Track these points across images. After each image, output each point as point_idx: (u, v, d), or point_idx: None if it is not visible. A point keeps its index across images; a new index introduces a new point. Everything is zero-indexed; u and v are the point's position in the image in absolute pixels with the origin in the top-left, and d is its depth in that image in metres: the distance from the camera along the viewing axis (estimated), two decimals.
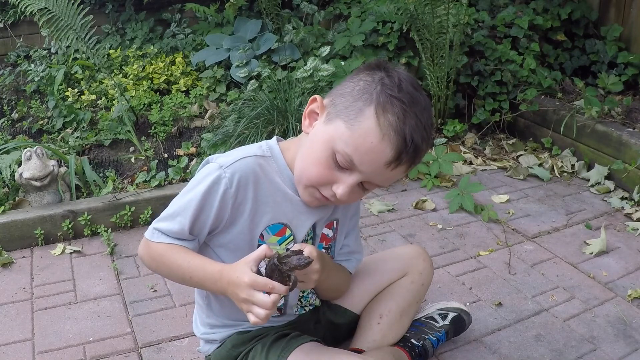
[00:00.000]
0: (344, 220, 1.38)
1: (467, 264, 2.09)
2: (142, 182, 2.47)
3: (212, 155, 1.22)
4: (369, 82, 1.11)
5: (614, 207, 2.52)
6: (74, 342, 1.67)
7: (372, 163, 1.09)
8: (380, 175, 1.12)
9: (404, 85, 1.10)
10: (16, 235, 2.15)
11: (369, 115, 1.08)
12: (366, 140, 1.07)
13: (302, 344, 1.26)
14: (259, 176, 1.20)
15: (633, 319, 1.80)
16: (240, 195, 1.18)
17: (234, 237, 1.23)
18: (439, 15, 2.86)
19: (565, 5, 3.51)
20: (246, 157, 1.20)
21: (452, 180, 2.74)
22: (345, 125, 1.09)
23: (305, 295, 1.37)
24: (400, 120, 1.07)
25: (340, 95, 1.13)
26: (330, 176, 1.13)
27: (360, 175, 1.11)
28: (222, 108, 2.96)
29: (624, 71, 3.31)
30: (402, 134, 1.07)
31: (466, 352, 1.64)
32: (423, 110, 1.10)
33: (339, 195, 1.13)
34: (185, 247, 1.18)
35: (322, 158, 1.12)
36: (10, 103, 3.17)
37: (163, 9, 3.81)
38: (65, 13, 2.62)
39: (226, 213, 1.19)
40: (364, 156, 1.08)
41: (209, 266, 1.14)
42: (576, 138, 2.89)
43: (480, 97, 3.18)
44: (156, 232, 1.20)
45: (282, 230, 1.25)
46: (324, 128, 1.14)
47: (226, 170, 1.17)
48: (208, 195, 1.16)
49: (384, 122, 1.07)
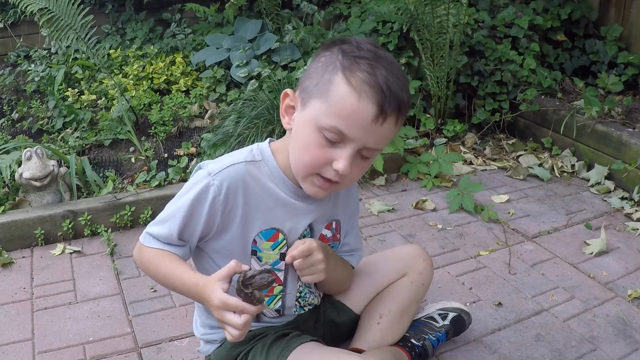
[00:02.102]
0: (345, 220, 1.39)
1: (467, 264, 2.09)
2: (142, 182, 2.47)
3: (204, 162, 1.22)
4: (329, 56, 1.11)
5: (614, 207, 2.52)
6: (74, 342, 1.67)
7: (360, 125, 1.07)
8: (373, 136, 1.09)
9: (363, 46, 1.10)
10: (16, 235, 2.15)
11: (339, 82, 1.07)
12: (345, 105, 1.06)
13: (302, 343, 1.26)
14: (248, 183, 1.20)
15: (633, 319, 1.80)
16: (229, 203, 1.18)
17: (226, 243, 1.23)
18: (439, 15, 2.86)
19: (565, 5, 3.51)
20: (235, 163, 1.19)
21: (452, 180, 2.74)
22: (321, 101, 1.09)
23: (303, 295, 1.37)
24: (370, 74, 1.06)
25: (307, 79, 1.13)
26: (325, 155, 1.11)
27: (354, 143, 1.09)
28: (222, 108, 2.96)
29: (624, 71, 3.31)
30: (377, 85, 1.06)
31: (466, 352, 1.64)
32: (391, 63, 1.10)
33: (341, 170, 1.10)
34: (172, 255, 1.20)
35: (311, 140, 1.11)
36: (10, 103, 3.17)
37: (163, 9, 3.81)
38: (65, 13, 2.62)
39: (216, 220, 1.19)
40: (349, 121, 1.07)
41: (187, 278, 1.15)
42: (576, 138, 2.89)
43: (480, 97, 3.18)
44: (148, 236, 1.22)
45: (275, 235, 1.25)
46: (303, 114, 1.13)
47: (215, 177, 1.17)
48: (197, 202, 1.17)
49: (356, 81, 1.06)
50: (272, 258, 1.27)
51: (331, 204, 1.32)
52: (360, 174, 1.19)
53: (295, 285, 1.34)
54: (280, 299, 1.33)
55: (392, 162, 2.78)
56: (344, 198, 1.37)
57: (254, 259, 1.26)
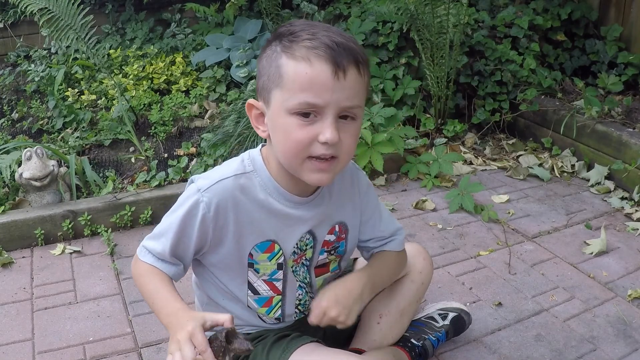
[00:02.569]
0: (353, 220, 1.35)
1: (467, 264, 2.09)
2: (142, 182, 2.47)
3: (195, 175, 1.21)
4: (269, 50, 1.12)
5: (614, 207, 2.52)
6: (74, 342, 1.67)
7: (324, 88, 1.05)
8: (342, 92, 1.07)
9: (296, 23, 1.11)
10: (16, 235, 2.15)
11: (285, 62, 1.07)
12: (301, 76, 1.05)
13: (303, 344, 1.26)
14: (238, 199, 1.19)
15: (633, 319, 1.80)
16: (220, 219, 1.18)
17: (222, 257, 1.23)
18: (439, 15, 2.86)
19: (565, 5, 3.51)
20: (225, 178, 1.18)
21: (452, 180, 2.74)
22: (279, 89, 1.08)
23: (302, 302, 1.36)
24: (312, 40, 1.06)
25: (259, 79, 1.14)
26: (307, 133, 1.08)
27: (329, 109, 1.07)
28: (222, 108, 2.96)
29: (624, 71, 3.31)
30: (323, 45, 1.05)
31: (466, 352, 1.64)
32: (328, 27, 1.11)
33: (329, 139, 1.06)
34: (163, 275, 1.20)
35: (288, 126, 1.09)
36: (10, 103, 3.17)
37: (163, 9, 3.81)
38: (65, 13, 2.62)
39: (208, 235, 1.19)
40: (313, 88, 1.05)
41: (171, 301, 1.13)
42: (576, 138, 2.89)
43: (480, 97, 3.18)
44: (144, 249, 1.23)
45: (270, 247, 1.24)
46: (270, 112, 1.12)
47: (204, 194, 1.16)
48: (187, 219, 1.17)
49: (301, 52, 1.06)
50: (270, 269, 1.27)
51: (332, 207, 1.30)
52: (354, 139, 1.14)
53: (294, 294, 1.33)
54: (280, 307, 1.33)
55: (392, 162, 2.78)
56: (349, 197, 1.34)
57: (252, 271, 1.26)
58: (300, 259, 1.30)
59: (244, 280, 1.27)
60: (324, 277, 1.37)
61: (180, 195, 1.23)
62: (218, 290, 1.30)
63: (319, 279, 1.36)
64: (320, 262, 1.34)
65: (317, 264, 1.34)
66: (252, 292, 1.28)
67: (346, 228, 1.35)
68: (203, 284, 1.32)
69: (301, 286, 1.33)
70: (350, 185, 1.34)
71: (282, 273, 1.28)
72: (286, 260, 1.27)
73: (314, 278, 1.35)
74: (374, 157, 2.57)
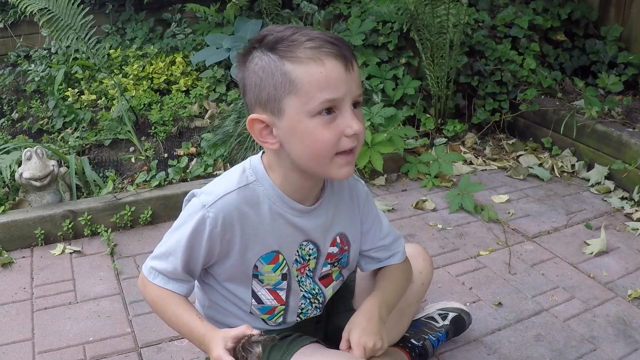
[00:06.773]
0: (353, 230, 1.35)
1: (467, 264, 2.09)
2: (142, 182, 2.47)
3: (196, 190, 1.21)
4: (258, 63, 1.10)
5: (614, 207, 2.52)
6: (74, 342, 1.67)
7: (340, 81, 1.08)
8: (354, 82, 1.10)
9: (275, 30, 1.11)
10: (16, 235, 2.15)
11: (292, 68, 1.07)
12: (316, 77, 1.06)
13: (304, 345, 1.25)
14: (244, 212, 1.18)
15: (633, 319, 1.80)
16: (227, 233, 1.18)
17: (227, 268, 1.23)
18: (439, 15, 2.86)
19: (565, 5, 3.51)
20: (228, 193, 1.17)
21: (452, 180, 2.74)
22: (292, 95, 1.08)
23: (304, 311, 1.36)
24: (312, 41, 1.07)
25: (260, 92, 1.11)
26: (333, 130, 1.09)
27: (346, 101, 1.09)
28: (222, 108, 2.96)
29: (624, 71, 3.31)
30: (325, 42, 1.07)
31: (466, 352, 1.64)
32: (308, 28, 1.14)
33: (358, 130, 1.10)
34: (177, 297, 1.21)
35: (313, 128, 1.09)
36: (10, 103, 3.17)
37: (163, 9, 3.80)
38: (65, 13, 2.62)
39: (216, 249, 1.19)
40: (331, 85, 1.07)
41: (194, 328, 1.17)
42: (576, 138, 2.89)
43: (480, 97, 3.18)
44: (153, 271, 1.22)
45: (275, 258, 1.24)
46: (285, 120, 1.10)
47: (209, 209, 1.15)
48: (195, 235, 1.17)
49: (306, 54, 1.07)
50: (274, 280, 1.27)
51: (333, 217, 1.30)
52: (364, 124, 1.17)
53: (297, 303, 1.33)
54: (282, 316, 1.33)
55: (392, 162, 2.78)
56: (349, 210, 1.33)
57: (256, 281, 1.26)
58: (304, 269, 1.30)
59: (248, 288, 1.27)
60: (332, 285, 1.38)
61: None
62: (221, 294, 1.30)
63: (328, 289, 1.37)
64: (323, 273, 1.35)
65: (320, 276, 1.34)
66: (255, 301, 1.29)
67: (347, 240, 1.34)
68: (205, 287, 1.32)
69: (305, 296, 1.33)
70: (350, 199, 1.33)
71: (287, 283, 1.28)
72: (290, 270, 1.27)
73: (325, 289, 1.36)
74: (374, 157, 2.57)
